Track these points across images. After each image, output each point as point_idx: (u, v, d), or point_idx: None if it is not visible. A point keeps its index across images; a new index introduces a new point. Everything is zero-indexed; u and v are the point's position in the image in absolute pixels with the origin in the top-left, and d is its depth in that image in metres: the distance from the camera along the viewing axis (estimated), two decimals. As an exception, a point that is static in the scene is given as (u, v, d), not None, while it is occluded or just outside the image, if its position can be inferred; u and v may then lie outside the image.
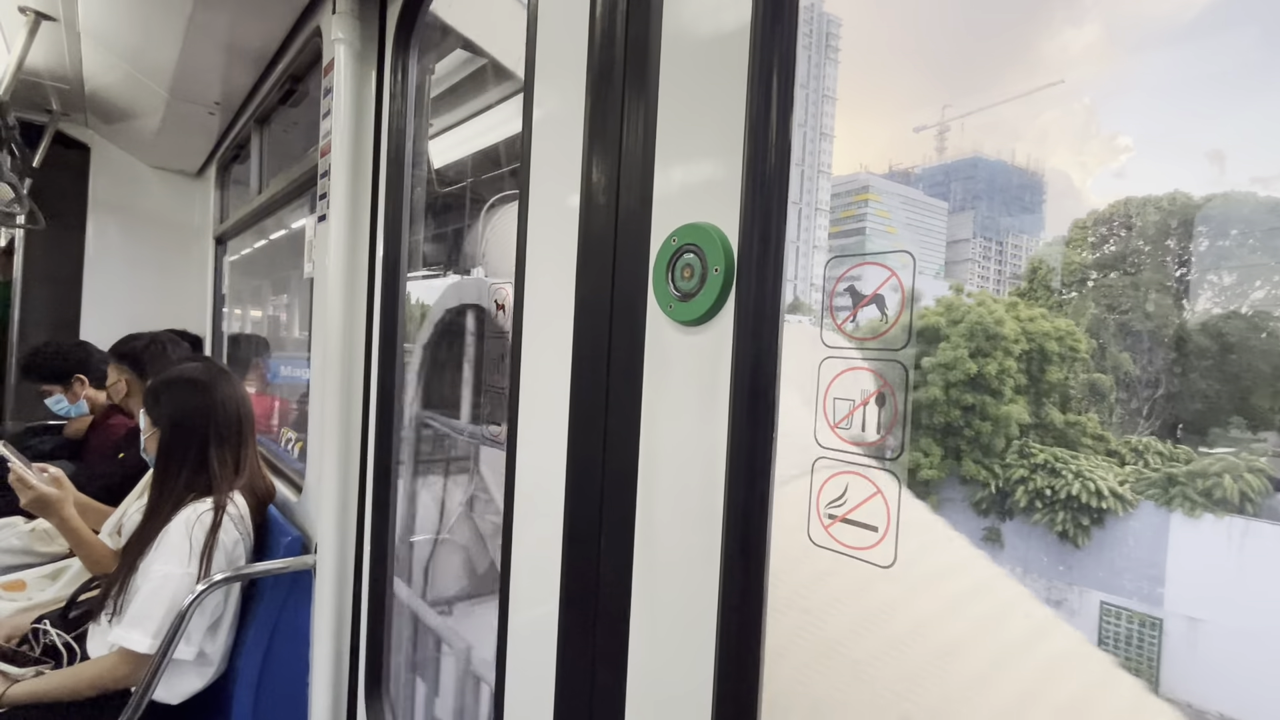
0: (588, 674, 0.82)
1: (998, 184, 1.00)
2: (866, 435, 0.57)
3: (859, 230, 1.32)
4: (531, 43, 0.98)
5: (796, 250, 0.72)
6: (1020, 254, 0.98)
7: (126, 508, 1.98)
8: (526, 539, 0.97)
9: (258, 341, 3.72)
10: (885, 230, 1.32)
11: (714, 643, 0.65)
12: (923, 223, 1.11)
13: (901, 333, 0.55)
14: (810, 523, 0.63)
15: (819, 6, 1.12)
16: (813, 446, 0.64)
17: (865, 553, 0.59)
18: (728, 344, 0.65)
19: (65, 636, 1.58)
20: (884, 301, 0.57)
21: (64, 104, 3.10)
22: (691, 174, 0.73)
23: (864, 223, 1.33)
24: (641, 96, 0.78)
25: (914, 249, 0.58)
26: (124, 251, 3.65)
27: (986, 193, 1.02)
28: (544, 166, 0.96)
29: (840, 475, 0.60)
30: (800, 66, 0.66)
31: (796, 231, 0.67)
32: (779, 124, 0.64)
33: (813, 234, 1.15)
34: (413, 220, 1.60)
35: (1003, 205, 1.01)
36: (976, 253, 1.02)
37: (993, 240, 1.01)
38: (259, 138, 2.79)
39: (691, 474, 0.70)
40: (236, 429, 1.68)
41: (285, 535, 1.68)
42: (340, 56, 1.56)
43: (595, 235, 0.84)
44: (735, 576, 0.64)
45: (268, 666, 1.62)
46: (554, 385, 0.89)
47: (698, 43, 0.72)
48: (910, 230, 1.11)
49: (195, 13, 1.90)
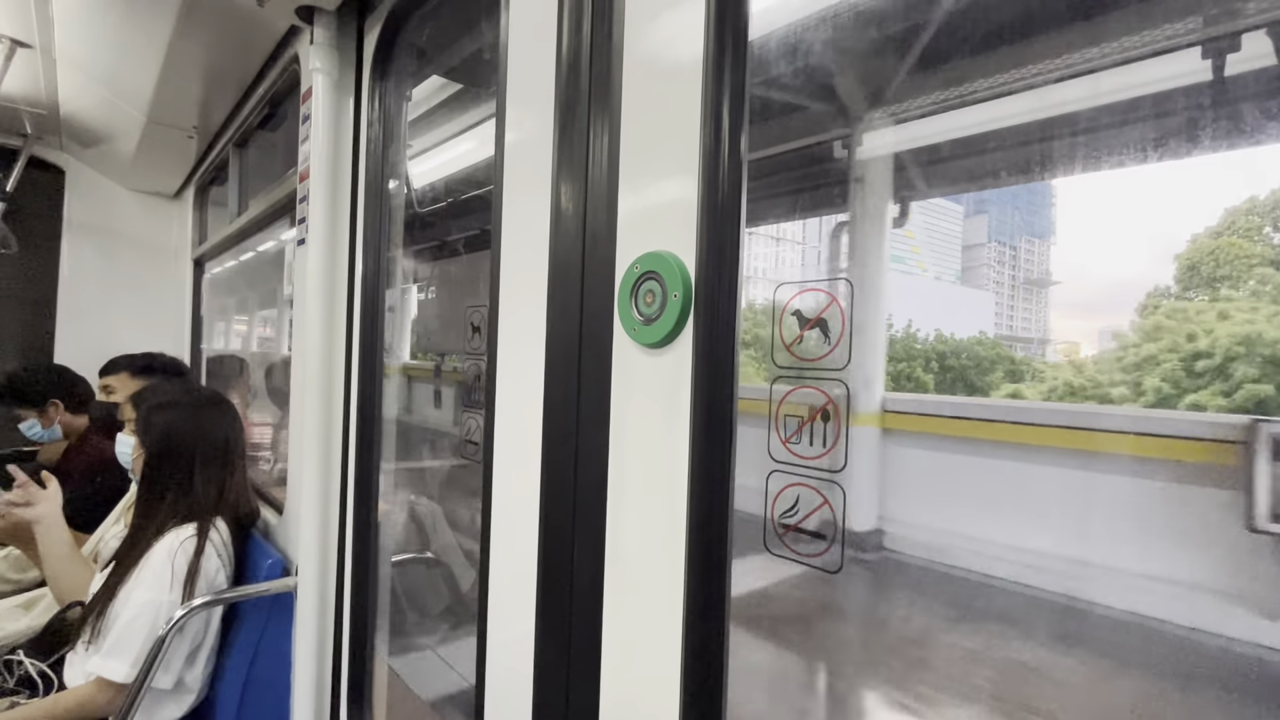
0: (562, 687, 0.85)
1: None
2: (813, 450, 0.61)
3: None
4: (503, 74, 1.02)
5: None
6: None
7: (103, 534, 1.96)
8: (503, 557, 0.99)
9: (239, 363, 3.69)
10: (903, 234, 1.38)
11: (679, 649, 0.68)
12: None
13: (843, 353, 0.59)
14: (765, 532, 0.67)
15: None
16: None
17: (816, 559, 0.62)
18: (688, 365, 0.69)
19: (40, 665, 1.56)
20: (827, 325, 0.61)
21: (38, 128, 3.09)
22: (653, 200, 0.77)
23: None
24: (606, 126, 0.82)
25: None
26: (100, 274, 3.62)
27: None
28: (516, 193, 1.00)
29: (791, 487, 0.64)
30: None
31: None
32: (730, 153, 0.68)
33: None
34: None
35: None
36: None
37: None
38: (238, 160, 2.80)
39: (657, 489, 0.73)
40: (223, 454, 1.68)
41: (266, 558, 1.68)
42: (318, 85, 1.59)
43: (564, 259, 0.88)
44: (698, 585, 0.67)
45: (249, 692, 1.61)
46: (527, 406, 0.93)
47: (656, 75, 0.76)
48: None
49: (173, 40, 1.92)
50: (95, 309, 3.59)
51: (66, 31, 2.07)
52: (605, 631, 0.79)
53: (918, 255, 1.55)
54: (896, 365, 1.56)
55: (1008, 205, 1.53)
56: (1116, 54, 0.94)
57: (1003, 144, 1.12)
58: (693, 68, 0.71)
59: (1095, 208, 1.00)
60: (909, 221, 1.37)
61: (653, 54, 0.77)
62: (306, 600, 1.60)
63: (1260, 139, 0.78)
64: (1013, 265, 1.60)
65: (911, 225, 1.41)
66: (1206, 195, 0.88)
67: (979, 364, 1.54)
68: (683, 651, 0.68)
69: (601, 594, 0.80)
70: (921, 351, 1.61)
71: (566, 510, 0.85)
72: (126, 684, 1.38)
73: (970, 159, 1.21)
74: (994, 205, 1.58)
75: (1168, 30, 0.92)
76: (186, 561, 1.49)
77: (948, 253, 1.62)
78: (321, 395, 1.64)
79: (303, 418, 1.64)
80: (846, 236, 1.41)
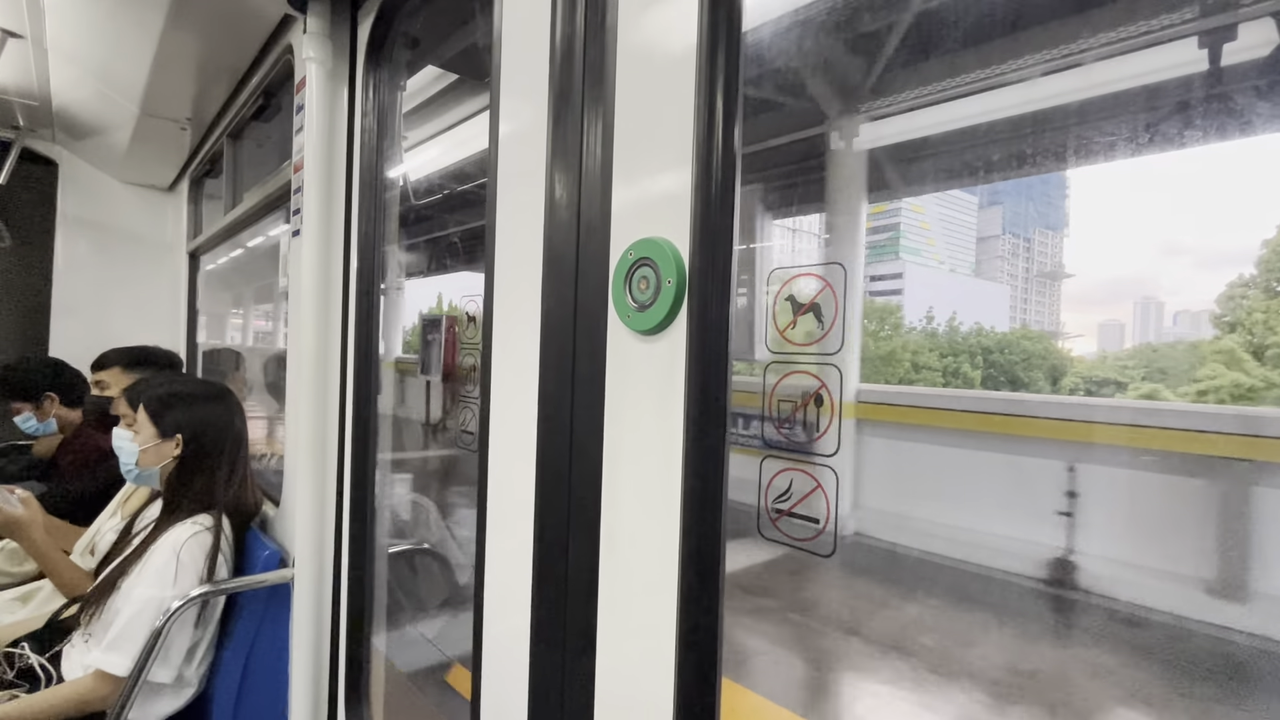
0: (558, 677, 0.85)
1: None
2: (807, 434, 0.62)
3: (891, 226, 1.38)
4: (497, 64, 1.02)
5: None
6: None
7: (100, 526, 1.96)
8: (499, 546, 1.00)
9: (234, 357, 3.68)
10: (919, 225, 1.37)
11: (674, 636, 0.69)
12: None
13: (836, 338, 0.60)
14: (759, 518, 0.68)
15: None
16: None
17: (809, 543, 0.63)
18: (682, 351, 0.69)
19: (41, 658, 1.57)
20: (820, 310, 0.61)
21: (30, 120, 3.07)
22: (647, 189, 0.77)
23: (898, 218, 1.39)
24: (600, 115, 0.82)
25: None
26: (94, 267, 3.60)
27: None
28: (510, 182, 0.99)
29: (785, 472, 0.64)
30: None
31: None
32: (724, 141, 0.68)
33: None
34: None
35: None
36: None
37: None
38: (232, 152, 2.78)
39: (652, 476, 0.73)
40: (237, 446, 1.70)
41: (263, 550, 1.68)
42: (312, 75, 1.58)
43: (558, 247, 0.88)
44: (693, 572, 0.68)
45: (246, 683, 1.61)
46: (522, 394, 0.93)
47: (650, 64, 0.76)
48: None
49: (166, 30, 1.90)
50: (89, 303, 3.57)
51: (58, 21, 2.05)
52: (600, 619, 0.80)
53: (933, 248, 1.54)
54: (943, 359, 1.55)
55: (1022, 197, 1.51)
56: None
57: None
58: (686, 55, 0.70)
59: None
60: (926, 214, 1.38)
61: (646, 42, 0.77)
62: (303, 592, 1.61)
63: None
64: (1026, 257, 1.59)
65: (926, 217, 1.41)
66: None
67: (1028, 359, 1.51)
68: (677, 639, 0.69)
69: (597, 582, 0.80)
70: (964, 346, 1.58)
71: (562, 498, 0.85)
72: (126, 678, 1.39)
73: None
74: (1008, 196, 1.56)
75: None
76: (190, 558, 1.49)
77: (962, 245, 1.60)
78: (317, 387, 1.64)
79: (298, 410, 1.64)
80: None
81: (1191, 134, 0.87)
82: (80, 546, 1.91)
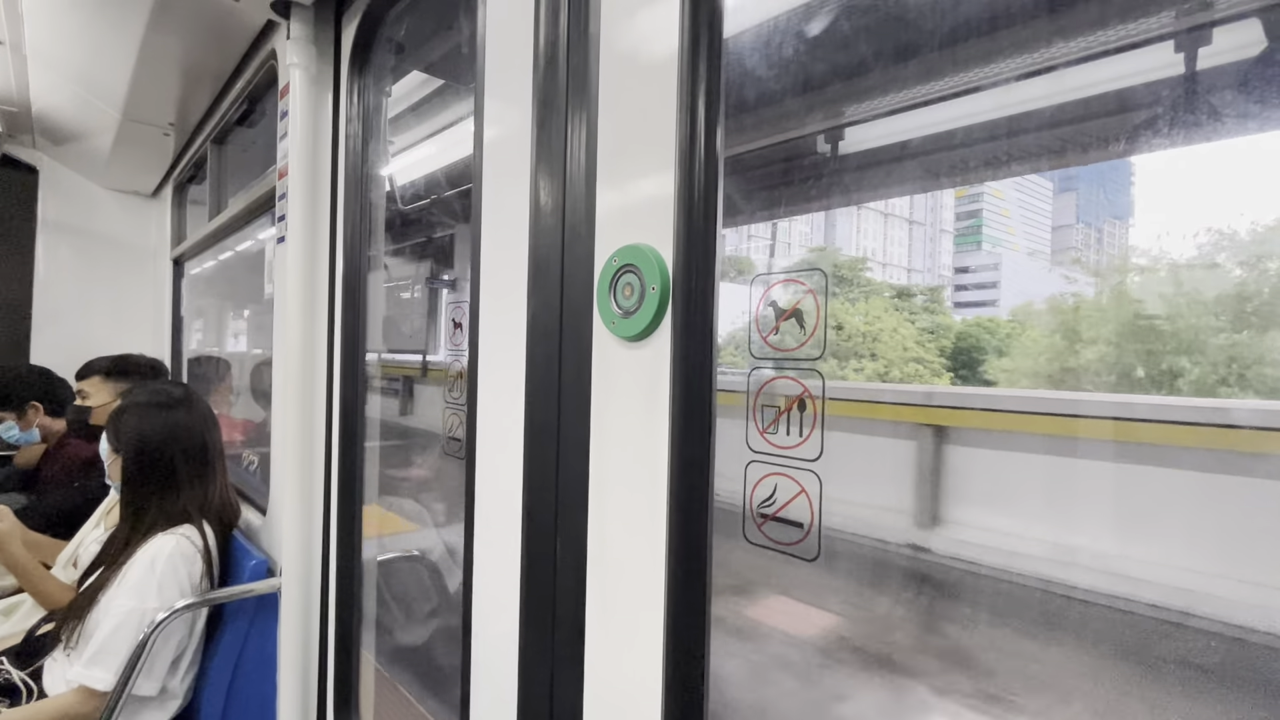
0: (547, 683, 0.85)
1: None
2: (790, 439, 0.62)
3: (974, 213, 1.35)
4: (480, 69, 1.02)
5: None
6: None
7: (83, 538, 1.93)
8: (486, 551, 0.99)
9: (221, 364, 3.64)
10: (999, 214, 1.34)
11: (661, 640, 0.69)
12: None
13: (816, 345, 0.60)
14: (745, 521, 0.68)
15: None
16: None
17: (793, 548, 0.63)
18: (666, 357, 0.69)
19: (22, 673, 1.54)
20: (801, 316, 0.62)
21: (10, 126, 3.02)
22: (631, 194, 0.77)
23: (979, 204, 1.36)
24: (584, 121, 0.82)
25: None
26: (76, 274, 3.55)
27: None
28: (495, 188, 0.99)
29: (770, 477, 0.65)
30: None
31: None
32: (706, 147, 0.68)
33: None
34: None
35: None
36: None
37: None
38: (216, 158, 2.76)
39: (638, 482, 0.73)
40: (202, 453, 1.66)
41: (249, 559, 1.67)
42: (295, 81, 1.57)
43: (543, 252, 0.88)
44: (680, 577, 0.68)
45: (233, 695, 1.59)
46: (509, 400, 0.92)
47: (633, 69, 0.77)
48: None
49: (147, 36, 1.88)
50: (72, 310, 3.52)
51: (37, 27, 2.03)
52: (588, 624, 0.80)
53: (1012, 237, 1.48)
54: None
55: (1095, 183, 1.40)
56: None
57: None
58: (668, 62, 0.71)
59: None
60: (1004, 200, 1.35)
61: (630, 48, 0.77)
62: (291, 601, 1.59)
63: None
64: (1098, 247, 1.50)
65: (1006, 203, 1.38)
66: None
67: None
68: (664, 643, 0.69)
69: (584, 587, 0.80)
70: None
71: (549, 504, 0.85)
72: (110, 692, 1.37)
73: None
74: (1081, 182, 1.44)
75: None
76: (170, 568, 1.47)
77: (1039, 232, 1.51)
78: (303, 393, 1.63)
79: (285, 416, 1.63)
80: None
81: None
82: (63, 559, 1.88)
